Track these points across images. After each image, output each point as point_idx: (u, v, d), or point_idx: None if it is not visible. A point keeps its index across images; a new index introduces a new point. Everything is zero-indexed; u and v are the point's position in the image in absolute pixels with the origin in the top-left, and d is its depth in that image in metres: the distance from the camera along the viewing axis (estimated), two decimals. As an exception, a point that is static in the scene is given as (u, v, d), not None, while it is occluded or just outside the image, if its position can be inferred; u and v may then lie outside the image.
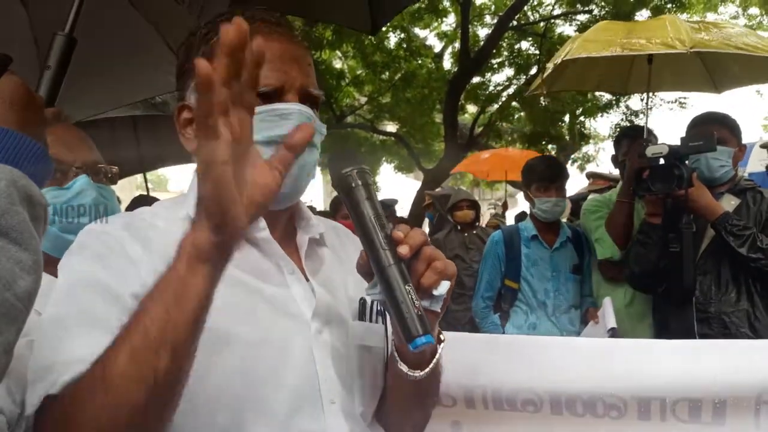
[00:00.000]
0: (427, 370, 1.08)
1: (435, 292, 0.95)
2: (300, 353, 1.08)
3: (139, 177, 7.03)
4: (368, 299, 1.19)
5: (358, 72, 13.76)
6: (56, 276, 1.05)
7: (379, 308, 1.20)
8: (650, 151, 2.72)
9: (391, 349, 1.13)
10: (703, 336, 2.74)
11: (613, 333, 3.15)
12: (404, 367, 1.07)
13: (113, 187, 1.67)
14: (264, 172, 0.83)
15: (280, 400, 1.03)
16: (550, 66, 3.60)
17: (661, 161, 2.71)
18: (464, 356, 1.57)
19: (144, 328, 0.80)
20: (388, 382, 1.19)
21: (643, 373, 1.55)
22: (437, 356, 1.09)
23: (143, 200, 4.86)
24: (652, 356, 1.61)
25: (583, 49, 3.37)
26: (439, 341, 1.11)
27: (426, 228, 9.75)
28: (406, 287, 0.91)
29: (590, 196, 6.75)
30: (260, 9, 1.14)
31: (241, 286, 1.06)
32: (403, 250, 0.92)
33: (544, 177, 3.59)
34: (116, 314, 0.92)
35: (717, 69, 3.96)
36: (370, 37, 12.31)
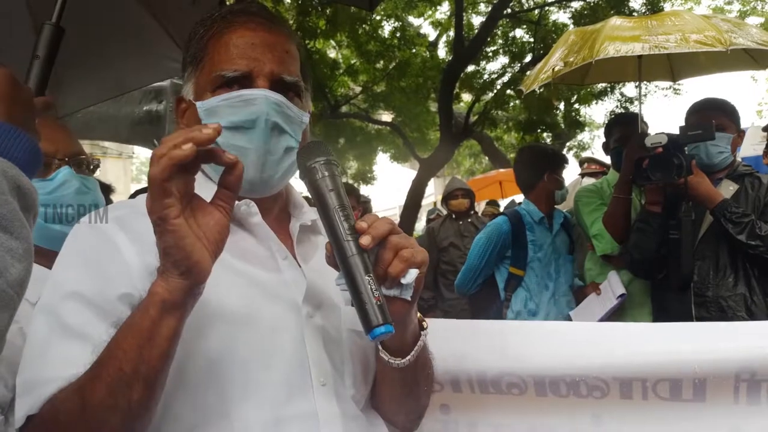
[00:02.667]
0: (408, 357, 1.09)
1: (403, 281, 0.95)
2: (290, 336, 1.11)
3: (134, 168, 7.00)
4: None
5: (353, 61, 13.70)
6: (43, 266, 1.08)
7: None
8: (649, 140, 2.75)
9: None
10: (700, 320, 2.78)
11: (622, 299, 3.19)
12: (385, 355, 1.10)
13: (109, 172, 1.69)
14: (211, 212, 0.94)
15: (269, 382, 1.06)
16: (567, 64, 3.48)
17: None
18: (448, 342, 1.58)
19: (119, 364, 0.89)
20: (377, 368, 1.22)
21: (623, 356, 1.58)
22: (419, 344, 1.11)
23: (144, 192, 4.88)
24: (632, 339, 1.64)
25: (612, 48, 3.25)
26: (422, 329, 1.13)
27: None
28: (366, 277, 0.91)
29: (584, 182, 6.82)
30: (247, 2, 1.19)
31: (233, 271, 1.09)
32: (365, 240, 0.93)
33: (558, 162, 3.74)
34: (100, 326, 0.99)
35: (677, 59, 3.97)
36: (364, 26, 12.29)
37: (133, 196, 4.83)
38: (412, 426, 1.33)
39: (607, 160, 5.52)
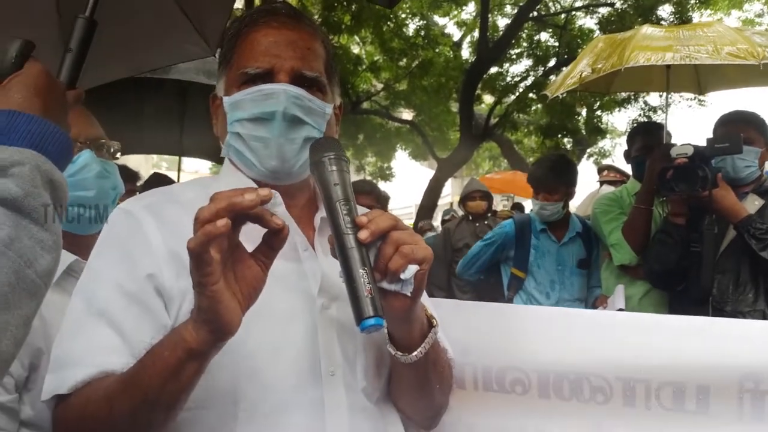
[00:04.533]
0: (415, 353, 1.10)
1: (402, 276, 0.97)
2: (303, 326, 1.13)
3: (154, 156, 7.12)
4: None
5: (376, 58, 13.72)
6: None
7: None
8: (675, 151, 2.72)
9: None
10: (717, 336, 2.75)
11: None
12: (392, 349, 1.11)
13: (130, 162, 1.70)
14: (251, 265, 0.96)
15: (278, 368, 1.09)
16: (595, 71, 3.45)
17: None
18: (454, 329, 1.54)
19: (144, 390, 0.95)
20: (391, 364, 1.22)
21: (628, 347, 1.56)
22: (427, 340, 1.12)
23: (159, 178, 4.95)
24: (637, 329, 1.61)
25: (643, 57, 3.21)
26: (431, 326, 1.14)
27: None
28: (361, 270, 0.92)
29: (602, 190, 6.76)
30: (274, 2, 1.23)
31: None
32: (362, 234, 0.94)
33: (535, 179, 3.73)
34: (129, 310, 1.07)
35: (705, 72, 3.90)
36: (388, 23, 12.29)
37: (149, 180, 4.90)
38: (430, 424, 1.34)
39: (626, 168, 5.47)
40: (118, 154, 1.71)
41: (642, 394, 1.55)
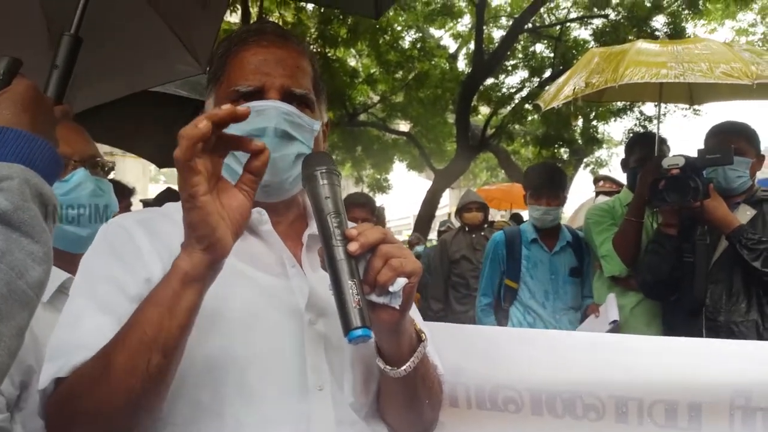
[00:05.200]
0: (404, 367, 1.11)
1: (391, 289, 0.98)
2: (290, 341, 1.14)
3: (152, 168, 7.10)
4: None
5: (372, 71, 13.77)
6: (55, 265, 1.11)
7: None
8: (666, 162, 2.75)
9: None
10: (711, 345, 2.75)
11: (615, 326, 3.18)
12: (381, 363, 1.12)
13: (127, 175, 1.72)
14: (235, 194, 0.99)
15: (264, 384, 1.09)
16: (589, 85, 3.46)
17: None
18: (447, 351, 1.57)
19: (141, 330, 0.95)
20: (379, 379, 1.23)
21: (621, 369, 1.57)
22: (416, 354, 1.12)
23: (171, 194, 4.95)
24: (629, 351, 1.63)
25: (637, 74, 3.23)
26: (420, 340, 1.14)
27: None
28: (350, 281, 0.94)
29: (597, 200, 6.75)
30: (263, 21, 1.25)
31: (240, 274, 1.13)
32: (352, 246, 0.96)
33: (537, 185, 3.72)
34: (125, 303, 1.05)
35: (697, 85, 3.91)
36: (384, 36, 12.37)
37: (160, 196, 4.89)
38: None
39: (623, 178, 5.49)
40: (112, 173, 1.73)
41: (635, 411, 1.56)
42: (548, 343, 1.71)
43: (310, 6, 11.63)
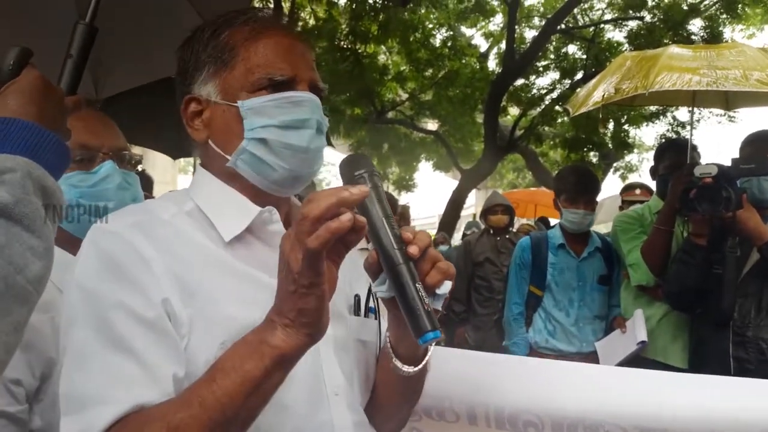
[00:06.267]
0: (420, 366, 1.12)
1: (438, 291, 0.99)
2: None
3: (181, 159, 7.18)
4: (362, 295, 1.26)
5: (402, 68, 13.73)
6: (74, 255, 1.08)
7: (371, 304, 1.26)
8: (699, 170, 2.68)
9: (384, 344, 1.17)
10: (737, 359, 2.69)
11: (642, 347, 3.11)
12: (399, 363, 1.12)
13: (157, 167, 1.71)
14: (328, 265, 0.92)
15: (289, 394, 1.06)
16: (618, 92, 3.39)
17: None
18: (468, 373, 1.59)
19: (222, 408, 0.89)
20: (378, 377, 1.24)
21: (653, 407, 1.53)
22: (429, 352, 1.14)
23: None
24: (657, 388, 1.59)
25: (669, 81, 3.16)
26: None
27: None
28: (416, 285, 0.95)
29: (633, 208, 6.32)
30: (264, 9, 1.20)
31: (252, 281, 1.10)
32: (413, 249, 0.96)
33: (573, 189, 3.60)
34: (140, 332, 0.97)
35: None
36: (416, 34, 12.31)
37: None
38: None
39: (652, 185, 5.29)
40: (140, 166, 1.73)
41: None
42: (572, 375, 1.68)
43: (342, 1, 11.63)
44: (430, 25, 13.34)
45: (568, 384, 1.61)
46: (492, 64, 14.73)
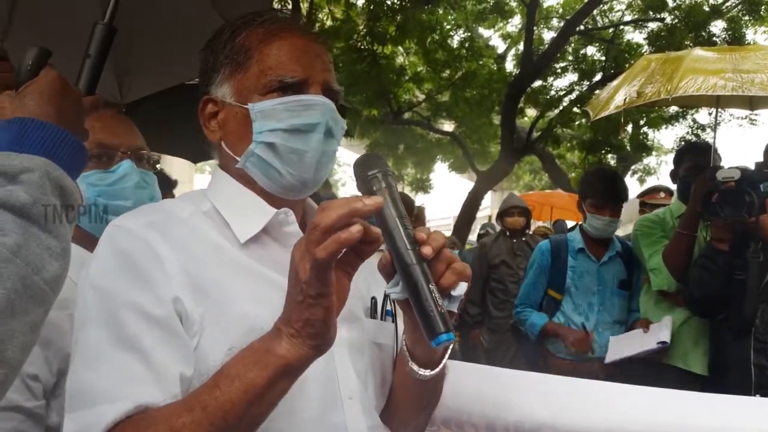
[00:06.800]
0: (437, 369, 1.10)
1: (453, 293, 0.97)
2: None
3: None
4: (379, 298, 1.24)
5: (419, 69, 13.70)
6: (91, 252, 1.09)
7: (388, 307, 1.25)
8: (722, 174, 2.65)
9: (401, 348, 1.15)
10: (758, 367, 2.65)
11: (662, 347, 3.08)
12: (415, 366, 1.10)
13: (174, 167, 1.72)
14: (340, 277, 0.93)
15: (303, 397, 1.06)
16: (641, 96, 3.35)
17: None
18: (488, 389, 1.57)
19: (224, 415, 0.89)
20: (395, 380, 1.23)
21: (675, 426, 1.51)
22: (447, 356, 1.12)
23: None
24: (685, 409, 1.56)
25: (693, 85, 3.11)
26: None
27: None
28: (430, 286, 0.93)
29: (654, 211, 6.17)
30: (275, 9, 1.19)
31: (267, 281, 1.10)
32: (427, 250, 0.94)
33: (601, 196, 3.53)
34: (149, 331, 0.98)
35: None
36: (433, 35, 12.29)
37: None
38: None
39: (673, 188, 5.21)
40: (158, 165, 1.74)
41: None
42: (601, 392, 1.66)
43: (360, 2, 11.64)
44: (448, 26, 13.30)
45: (592, 403, 1.59)
46: (510, 65, 14.68)
